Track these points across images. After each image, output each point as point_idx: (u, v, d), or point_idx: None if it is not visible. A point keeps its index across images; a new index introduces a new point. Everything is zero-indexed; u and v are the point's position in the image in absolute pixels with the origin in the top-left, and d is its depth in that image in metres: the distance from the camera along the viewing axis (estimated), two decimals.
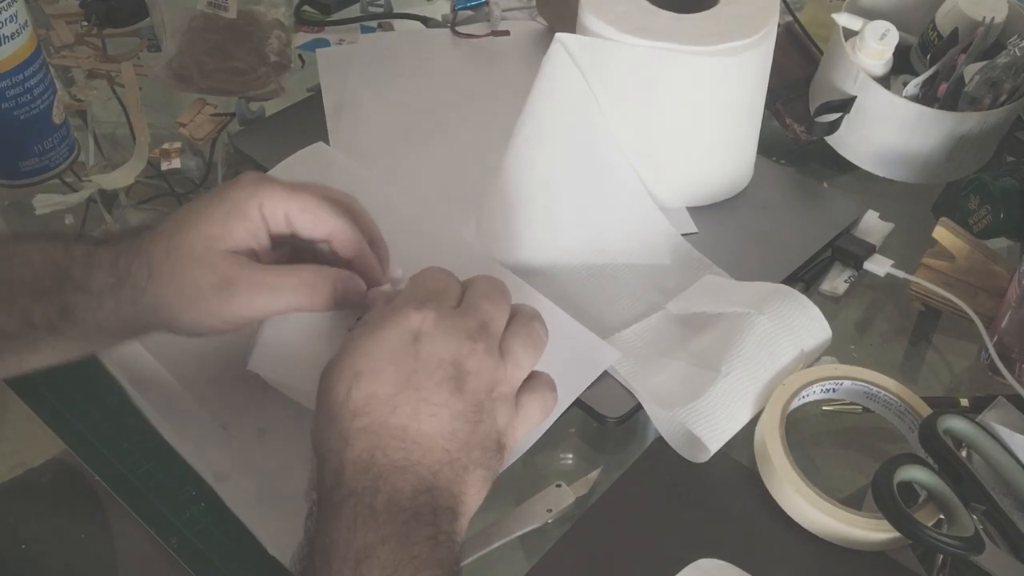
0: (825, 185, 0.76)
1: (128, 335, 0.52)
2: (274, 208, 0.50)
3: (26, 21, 0.68)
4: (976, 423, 0.55)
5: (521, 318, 0.50)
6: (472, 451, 0.45)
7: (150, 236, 0.49)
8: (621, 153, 0.69)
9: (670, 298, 0.65)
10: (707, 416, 0.56)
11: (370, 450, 0.43)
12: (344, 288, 0.50)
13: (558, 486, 0.55)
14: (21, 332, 0.49)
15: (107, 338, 0.51)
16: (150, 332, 0.51)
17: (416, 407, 0.44)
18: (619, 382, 0.60)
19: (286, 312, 0.50)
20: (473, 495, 0.45)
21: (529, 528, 0.53)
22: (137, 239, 0.49)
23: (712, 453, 0.55)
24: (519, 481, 0.56)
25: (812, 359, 0.61)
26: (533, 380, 0.50)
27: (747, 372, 0.57)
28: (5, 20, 0.66)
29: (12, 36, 0.67)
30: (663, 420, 0.58)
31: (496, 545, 0.52)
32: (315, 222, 0.51)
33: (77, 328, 0.49)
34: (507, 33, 0.89)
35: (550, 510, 0.54)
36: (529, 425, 0.50)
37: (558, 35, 0.64)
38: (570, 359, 0.60)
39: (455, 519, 0.44)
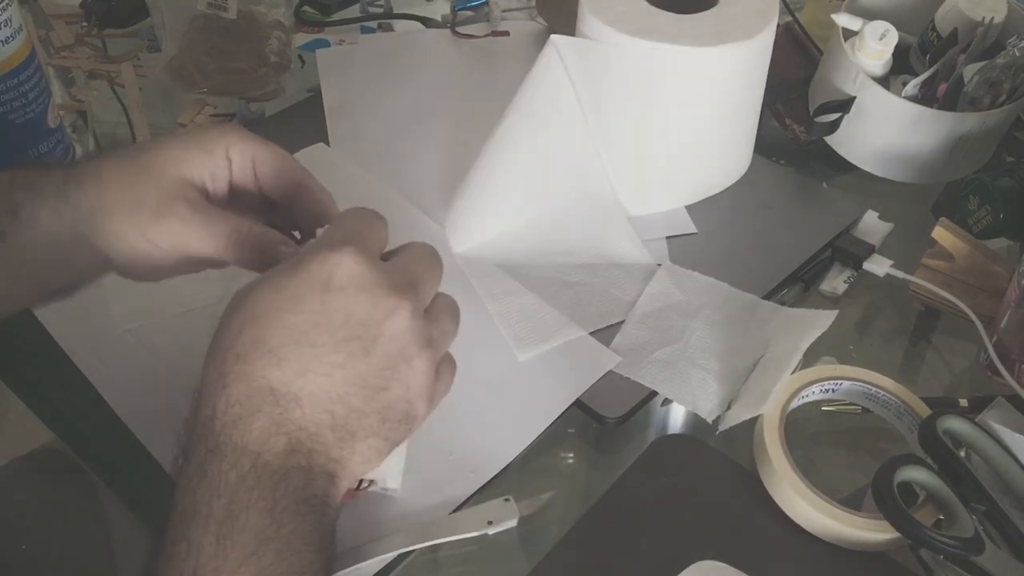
0: (825, 185, 0.76)
1: (64, 252, 0.49)
2: (242, 152, 0.49)
3: (21, 25, 0.68)
4: (975, 423, 0.55)
5: (444, 294, 0.47)
6: (366, 418, 0.42)
7: (108, 152, 0.48)
8: (599, 161, 0.70)
9: (630, 307, 0.65)
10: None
11: (243, 402, 0.40)
12: (274, 253, 0.48)
13: (505, 500, 0.53)
14: None
15: (46, 252, 0.48)
16: (83, 251, 0.48)
17: (306, 363, 0.40)
18: (618, 384, 0.60)
19: (208, 257, 0.48)
20: (359, 463, 0.42)
21: (464, 536, 0.52)
22: (96, 155, 0.48)
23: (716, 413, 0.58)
24: (517, 479, 0.56)
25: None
26: None
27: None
28: (0, 24, 0.66)
29: (7, 40, 0.66)
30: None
31: (421, 546, 0.51)
32: (281, 169, 0.50)
33: (23, 233, 0.47)
34: (507, 33, 0.89)
35: (490, 522, 0.52)
36: (445, 391, 0.47)
37: (553, 37, 0.65)
38: (571, 362, 0.61)
39: (331, 484, 0.41)
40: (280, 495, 0.39)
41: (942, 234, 0.64)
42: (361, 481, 0.50)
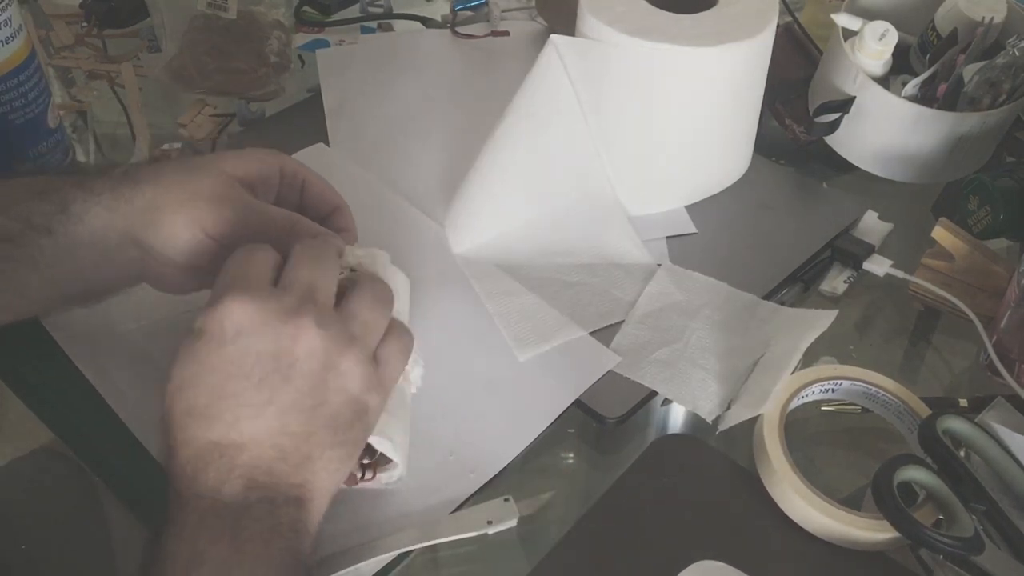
0: (825, 185, 0.76)
1: (106, 252, 0.50)
2: (295, 172, 0.54)
3: (21, 25, 0.68)
4: (975, 423, 0.55)
5: (362, 280, 0.47)
6: (315, 436, 0.43)
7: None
8: (599, 161, 0.70)
9: (630, 307, 0.65)
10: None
11: (193, 462, 0.42)
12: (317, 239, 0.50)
13: (505, 500, 0.53)
14: (21, 235, 0.48)
15: (89, 251, 0.50)
16: (126, 251, 0.50)
17: (235, 413, 0.42)
18: (618, 384, 0.60)
19: (262, 241, 0.49)
20: (326, 478, 0.44)
21: (464, 536, 0.52)
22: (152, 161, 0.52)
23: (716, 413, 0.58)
24: (516, 479, 0.56)
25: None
26: (387, 330, 0.47)
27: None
28: (0, 24, 0.66)
29: (7, 40, 0.66)
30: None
31: (421, 546, 0.51)
32: (325, 192, 0.56)
33: (71, 229, 0.49)
34: (507, 33, 0.89)
35: (490, 522, 0.52)
36: (397, 373, 0.47)
37: (553, 37, 0.65)
38: (571, 362, 0.61)
39: (301, 507, 0.43)
40: (242, 527, 0.41)
41: (942, 234, 0.64)
42: (364, 472, 0.50)
